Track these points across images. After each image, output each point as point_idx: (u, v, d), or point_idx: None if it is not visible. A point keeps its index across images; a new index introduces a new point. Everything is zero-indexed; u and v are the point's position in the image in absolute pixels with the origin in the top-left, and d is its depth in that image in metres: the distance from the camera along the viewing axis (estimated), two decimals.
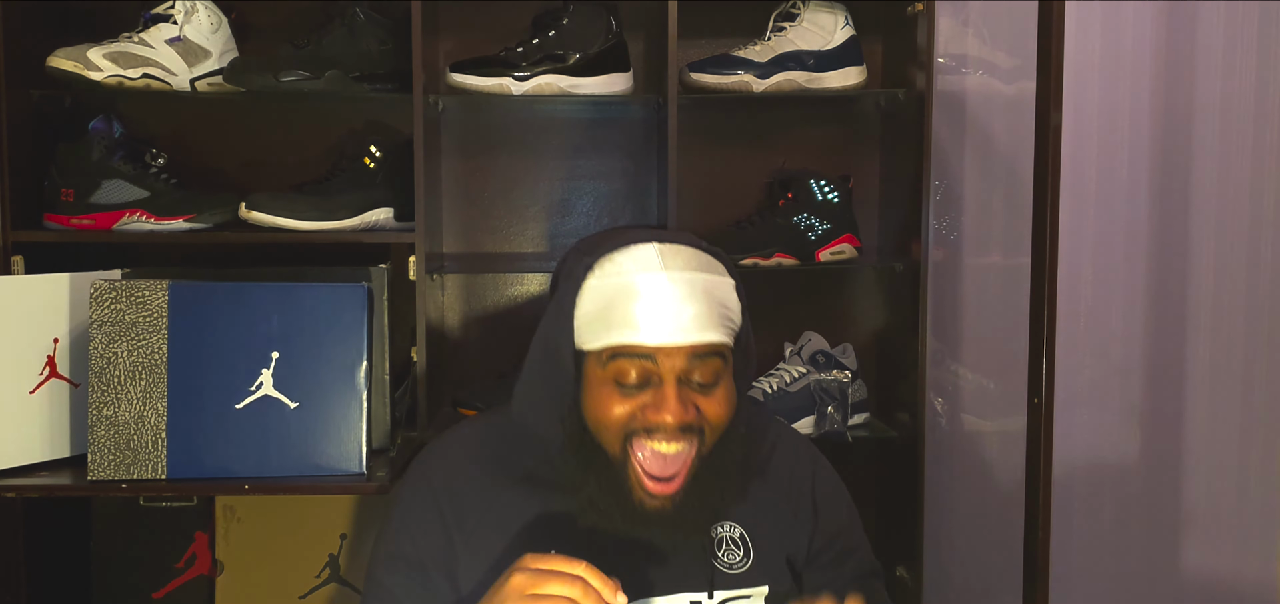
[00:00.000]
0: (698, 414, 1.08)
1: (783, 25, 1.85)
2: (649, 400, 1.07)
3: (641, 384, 1.08)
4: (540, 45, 1.78)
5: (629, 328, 1.06)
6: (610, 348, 1.08)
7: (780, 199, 1.89)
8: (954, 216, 1.92)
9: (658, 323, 1.06)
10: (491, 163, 2.00)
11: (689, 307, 1.07)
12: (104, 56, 1.68)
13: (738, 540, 1.18)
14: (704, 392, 1.09)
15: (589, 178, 2.01)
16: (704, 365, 1.08)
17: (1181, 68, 1.76)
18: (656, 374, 1.07)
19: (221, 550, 1.84)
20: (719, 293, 1.11)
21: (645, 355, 1.07)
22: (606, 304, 1.08)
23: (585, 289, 1.10)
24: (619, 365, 1.07)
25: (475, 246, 2.01)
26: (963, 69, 1.91)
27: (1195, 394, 1.78)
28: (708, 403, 1.09)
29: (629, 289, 1.07)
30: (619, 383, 1.08)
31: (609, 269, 1.09)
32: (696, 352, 1.07)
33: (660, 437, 1.07)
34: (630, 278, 1.08)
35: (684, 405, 1.07)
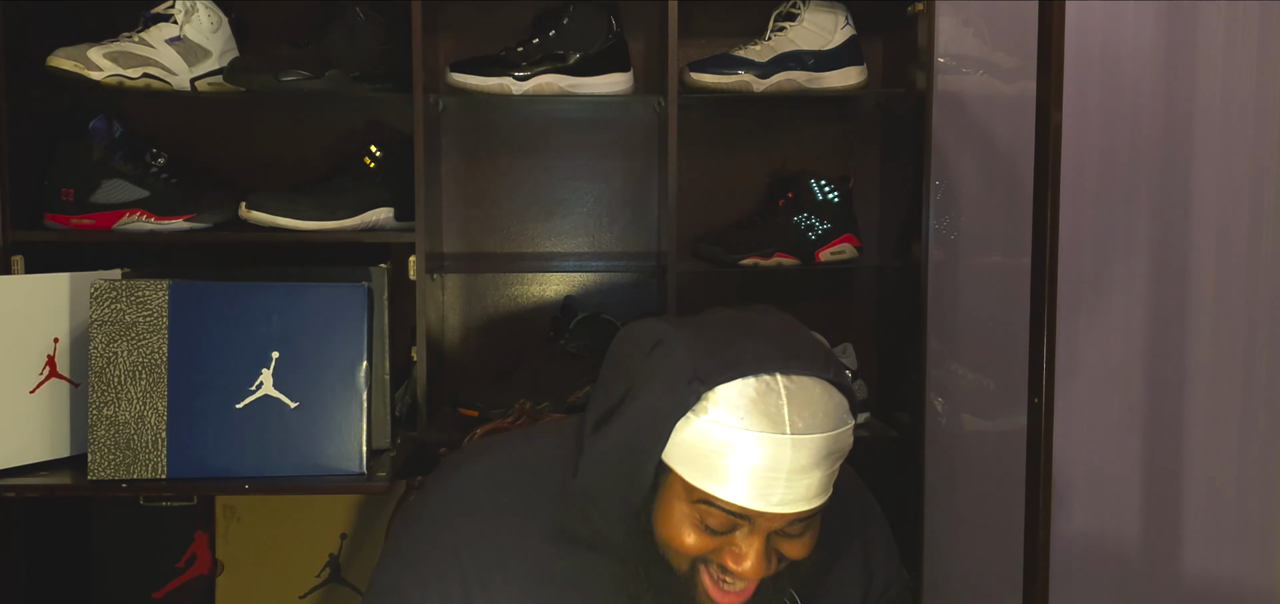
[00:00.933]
0: (776, 564, 0.99)
1: (783, 25, 1.85)
2: (730, 545, 0.97)
3: (727, 529, 0.96)
4: (540, 45, 1.78)
5: (735, 489, 0.93)
6: (704, 493, 0.95)
7: (780, 199, 1.89)
8: (954, 216, 1.92)
9: (768, 493, 0.93)
10: (491, 163, 2.00)
11: (809, 478, 0.94)
12: (104, 56, 1.68)
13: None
14: (793, 539, 0.99)
15: (589, 178, 2.01)
16: (803, 521, 0.98)
17: (1181, 68, 1.76)
18: (747, 527, 0.96)
19: (221, 550, 1.84)
20: (841, 447, 0.98)
21: (742, 514, 0.95)
22: (713, 451, 0.93)
23: (693, 425, 0.94)
24: (708, 510, 0.95)
25: (475, 246, 2.01)
26: (963, 69, 1.91)
27: (1195, 394, 1.78)
28: (793, 547, 0.99)
29: (745, 448, 0.92)
30: (703, 521, 0.96)
31: (723, 411, 0.93)
32: (800, 516, 0.97)
33: (731, 579, 0.98)
34: (749, 435, 0.93)
35: (768, 560, 0.97)
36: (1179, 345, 1.79)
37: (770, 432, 0.92)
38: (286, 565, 1.84)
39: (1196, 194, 1.76)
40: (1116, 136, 1.81)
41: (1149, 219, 1.80)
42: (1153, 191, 1.80)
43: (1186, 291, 1.78)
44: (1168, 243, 1.79)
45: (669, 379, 0.95)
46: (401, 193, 1.77)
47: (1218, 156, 1.75)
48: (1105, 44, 1.80)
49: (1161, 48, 1.78)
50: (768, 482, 0.92)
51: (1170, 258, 1.79)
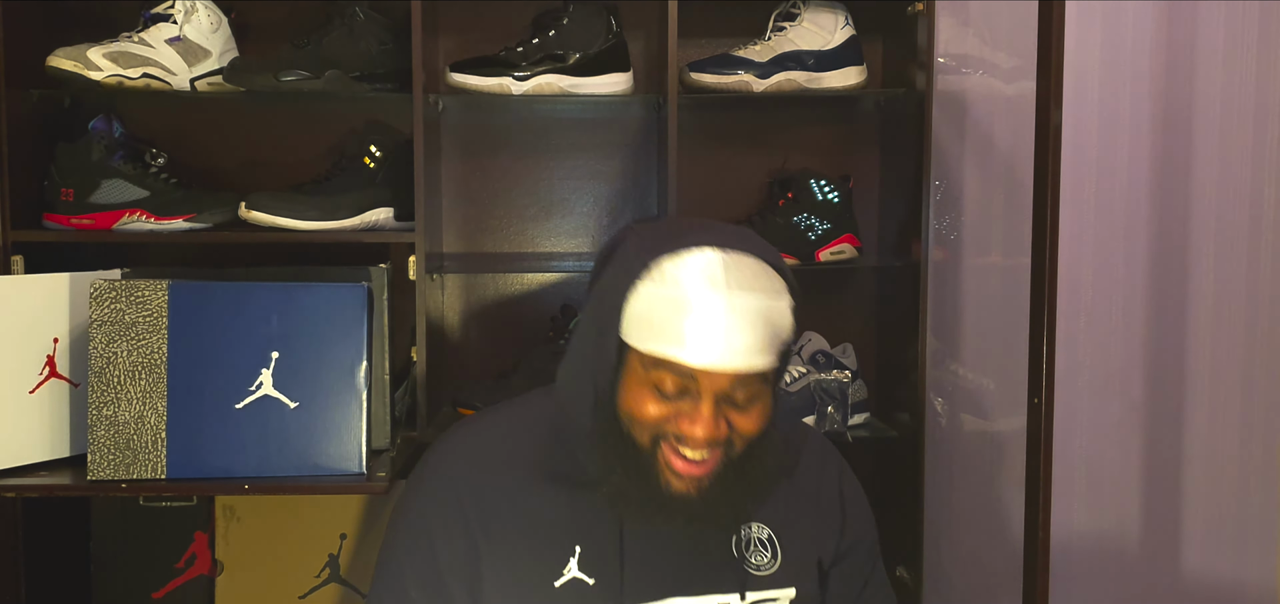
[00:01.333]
0: (730, 429, 1.07)
1: (783, 25, 1.85)
2: (684, 410, 1.06)
3: (679, 394, 1.06)
4: (540, 45, 1.78)
5: (678, 343, 1.04)
6: (655, 356, 1.05)
7: (780, 199, 1.89)
8: (954, 216, 1.92)
9: (708, 346, 1.03)
10: (491, 163, 2.00)
11: (743, 335, 1.04)
12: (104, 56, 1.68)
13: (766, 542, 1.18)
14: (740, 409, 1.08)
15: (589, 178, 2.01)
16: (746, 387, 1.07)
17: (1181, 68, 1.76)
18: (696, 390, 1.05)
19: (221, 550, 1.84)
20: (775, 317, 1.07)
21: (688, 374, 1.05)
22: (659, 312, 1.05)
23: (638, 291, 1.07)
24: (661, 374, 1.06)
25: (475, 246, 2.01)
26: (963, 69, 1.91)
27: (1195, 394, 1.78)
28: (742, 419, 1.08)
29: (684, 303, 1.04)
30: (657, 388, 1.06)
31: (667, 276, 1.06)
32: (741, 377, 1.05)
33: (688, 446, 1.07)
34: (687, 292, 1.04)
35: (717, 423, 1.06)
36: (1179, 345, 1.79)
37: (708, 289, 1.04)
38: (286, 565, 1.84)
39: (1196, 194, 1.77)
40: (1116, 136, 1.81)
41: (1149, 219, 1.80)
42: (1153, 191, 1.80)
43: (1186, 292, 1.78)
44: (1168, 243, 1.79)
45: (622, 261, 1.09)
46: (401, 193, 1.77)
47: (1218, 156, 1.75)
48: (1105, 44, 1.80)
49: (1161, 48, 1.78)
50: (707, 336, 1.03)
51: (1170, 258, 1.79)
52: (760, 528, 1.18)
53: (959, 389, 1.95)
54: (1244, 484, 1.79)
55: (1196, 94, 1.77)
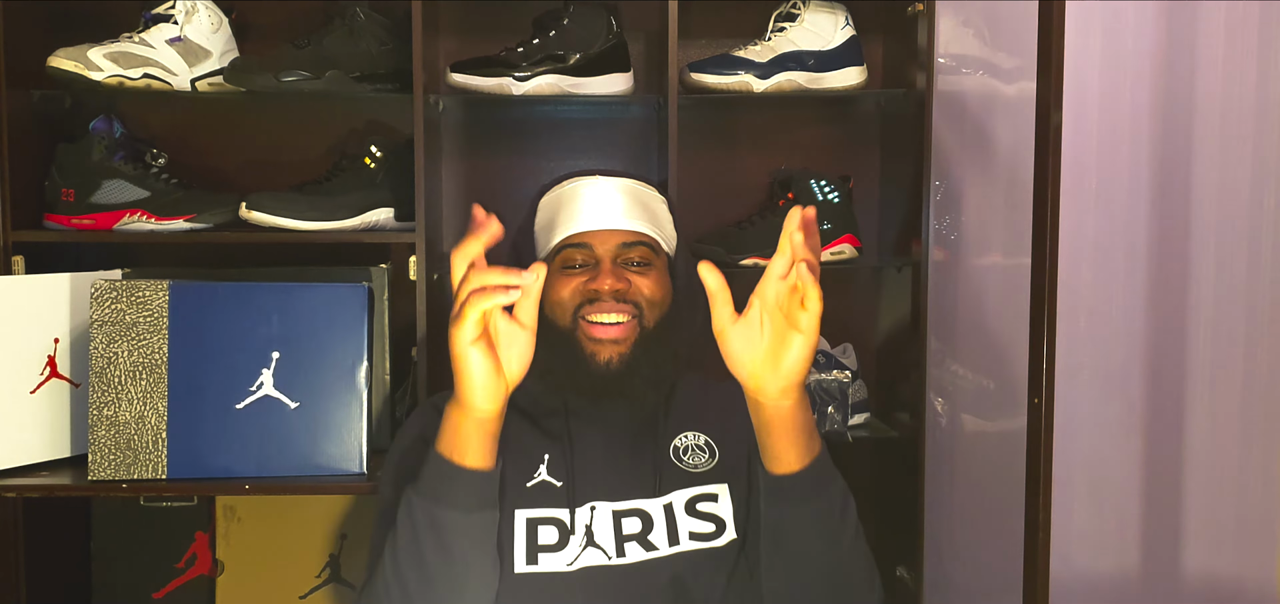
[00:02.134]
0: (631, 287, 1.26)
1: (783, 25, 1.85)
2: (590, 277, 1.26)
3: (584, 266, 1.28)
4: (541, 45, 1.78)
5: (571, 222, 1.28)
6: (557, 244, 1.29)
7: (780, 199, 1.89)
8: (954, 217, 1.93)
9: (593, 213, 1.28)
10: (492, 163, 2.00)
11: (620, 198, 1.29)
12: (104, 56, 1.68)
13: (703, 446, 1.33)
14: (638, 270, 1.28)
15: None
16: (636, 249, 1.28)
17: (1181, 68, 1.76)
18: (594, 256, 1.27)
19: (222, 550, 1.84)
20: (647, 199, 1.33)
21: (584, 244, 1.27)
22: (555, 210, 1.31)
23: (540, 205, 1.34)
24: (565, 254, 1.28)
25: None
26: (963, 69, 1.91)
27: (1195, 394, 1.78)
28: (641, 280, 1.27)
29: (573, 193, 1.31)
30: (565, 267, 1.28)
31: (558, 187, 1.33)
32: (627, 238, 1.28)
33: (602, 307, 1.25)
34: (573, 185, 1.32)
35: (618, 277, 1.25)
36: (1179, 345, 1.79)
37: (586, 179, 1.32)
38: (287, 565, 1.84)
39: (1196, 194, 1.77)
40: (1116, 136, 1.81)
41: (1149, 219, 1.80)
42: (1153, 191, 1.80)
43: (1186, 292, 1.79)
44: (1168, 243, 1.79)
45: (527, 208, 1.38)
46: (402, 193, 1.77)
47: (1218, 156, 1.75)
48: (1105, 44, 1.80)
49: (1161, 48, 1.78)
50: (588, 206, 1.29)
51: (1170, 258, 1.79)
52: (697, 435, 1.33)
53: (959, 389, 1.95)
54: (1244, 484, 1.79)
55: (1196, 94, 1.77)
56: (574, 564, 1.22)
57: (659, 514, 1.26)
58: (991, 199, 1.89)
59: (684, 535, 1.25)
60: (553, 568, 1.22)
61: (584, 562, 1.23)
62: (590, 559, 1.23)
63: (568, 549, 1.23)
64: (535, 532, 1.23)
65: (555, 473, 1.28)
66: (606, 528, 1.25)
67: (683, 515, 1.27)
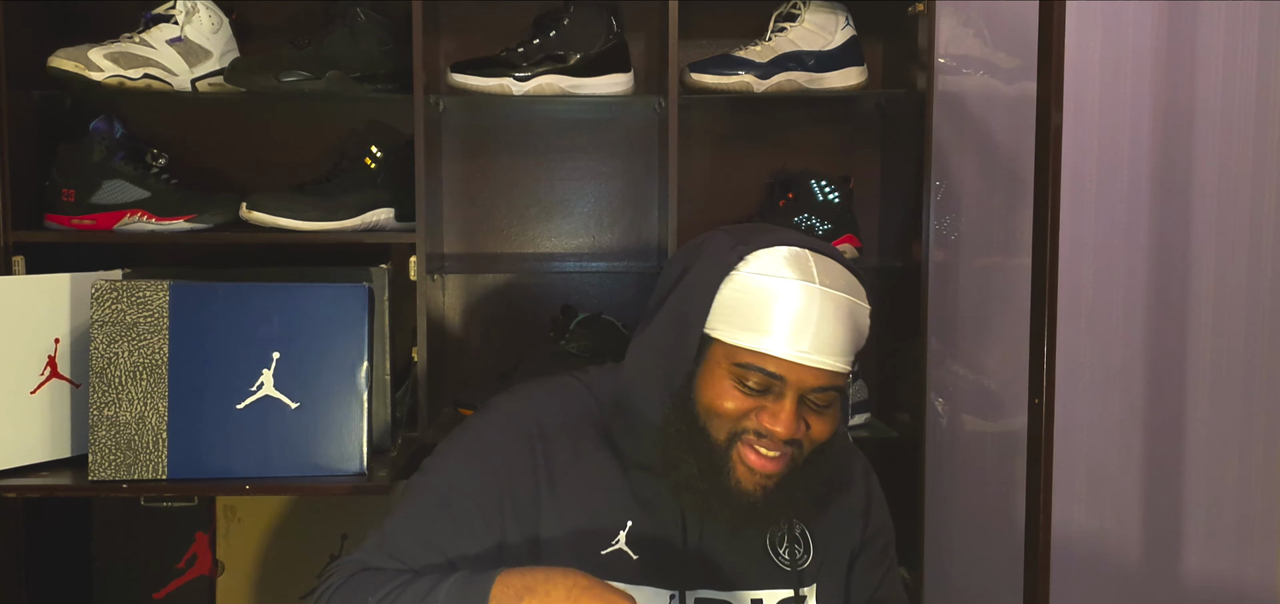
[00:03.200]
0: (806, 432, 1.08)
1: (783, 25, 1.85)
2: (766, 406, 1.07)
3: (762, 391, 1.07)
4: (541, 45, 1.78)
5: (769, 335, 1.04)
6: (743, 349, 1.06)
7: (781, 200, 1.89)
8: (955, 217, 1.93)
9: (799, 339, 1.04)
10: (492, 163, 2.00)
11: (833, 331, 1.06)
12: (105, 57, 1.68)
13: (799, 537, 1.19)
14: (818, 412, 1.09)
15: (589, 178, 2.01)
16: (825, 392, 1.08)
17: (1181, 68, 1.77)
18: (782, 389, 1.06)
19: (222, 551, 1.84)
20: (859, 318, 1.10)
21: (776, 374, 1.05)
22: (750, 302, 1.06)
23: (734, 279, 1.07)
24: (746, 370, 1.06)
25: (476, 247, 2.01)
26: (963, 69, 1.91)
27: (1196, 394, 1.78)
28: (818, 423, 1.09)
29: (778, 293, 1.05)
30: (741, 383, 1.07)
31: (762, 266, 1.07)
32: (826, 381, 1.07)
33: (768, 443, 1.07)
34: (782, 281, 1.05)
35: (798, 422, 1.06)
36: (1179, 345, 1.79)
37: (801, 279, 1.05)
38: (287, 566, 1.84)
39: (1196, 194, 1.77)
40: (1116, 136, 1.81)
41: (1149, 219, 1.80)
42: (1153, 191, 1.80)
43: (1186, 292, 1.78)
44: (1168, 243, 1.79)
45: (714, 251, 1.09)
46: (402, 193, 1.77)
47: (1218, 156, 1.75)
48: (1106, 44, 1.80)
49: (1161, 48, 1.78)
50: (799, 328, 1.04)
51: (1170, 258, 1.79)
52: (796, 524, 1.19)
53: (960, 389, 1.95)
54: (1244, 484, 1.79)
55: (1197, 94, 1.77)
56: None
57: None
58: (992, 199, 1.89)
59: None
60: None
61: None
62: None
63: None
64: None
65: (634, 544, 1.12)
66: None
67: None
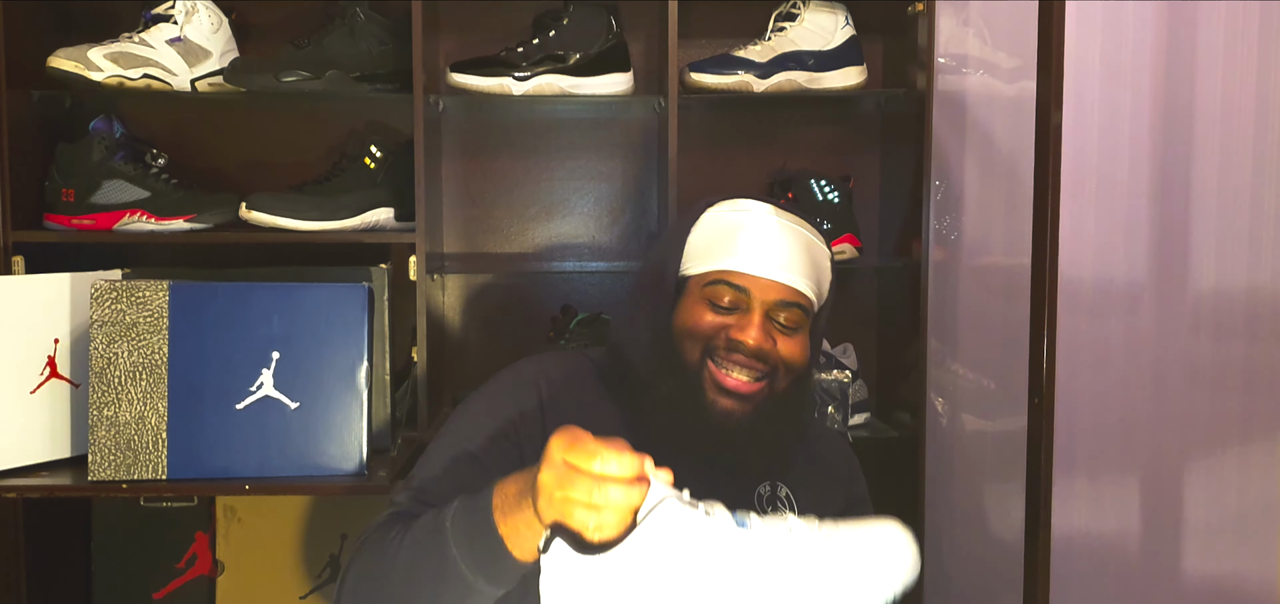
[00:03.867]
0: (774, 348, 1.17)
1: (783, 25, 1.85)
2: (735, 322, 1.17)
3: (732, 308, 1.18)
4: (541, 45, 1.78)
5: (733, 256, 1.18)
6: (712, 273, 1.18)
7: (780, 199, 1.89)
8: (954, 217, 1.92)
9: (760, 257, 1.17)
10: (492, 163, 2.00)
11: (790, 251, 1.18)
12: (104, 57, 1.68)
13: (784, 499, 1.25)
14: (785, 332, 1.19)
15: (589, 178, 2.01)
16: (790, 310, 1.18)
17: (1181, 68, 1.76)
18: (747, 302, 1.17)
19: (222, 551, 1.84)
20: (817, 255, 1.22)
21: (741, 287, 1.17)
22: (718, 234, 1.20)
23: (702, 220, 1.22)
24: (716, 289, 1.18)
25: (475, 247, 2.01)
26: (963, 69, 1.91)
27: (1196, 394, 1.78)
28: (786, 343, 1.18)
29: (741, 223, 1.19)
30: (712, 302, 1.18)
31: (726, 207, 1.21)
32: (787, 296, 1.18)
33: (738, 359, 1.16)
34: (744, 215, 1.20)
35: (765, 334, 1.16)
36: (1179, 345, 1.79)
37: (761, 213, 1.20)
38: (287, 566, 1.84)
39: (1197, 194, 1.77)
40: (1116, 136, 1.81)
41: (1149, 219, 1.80)
42: (1153, 191, 1.80)
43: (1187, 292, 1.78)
44: (1168, 243, 1.79)
45: (685, 212, 1.26)
46: (402, 193, 1.77)
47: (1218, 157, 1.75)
48: (1106, 44, 1.80)
49: (1161, 48, 1.78)
50: (759, 246, 1.17)
51: (1171, 258, 1.79)
52: (779, 486, 1.25)
53: (959, 389, 1.95)
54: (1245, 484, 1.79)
55: (1197, 94, 1.77)
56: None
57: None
58: (991, 199, 1.89)
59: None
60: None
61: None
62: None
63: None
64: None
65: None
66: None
67: None
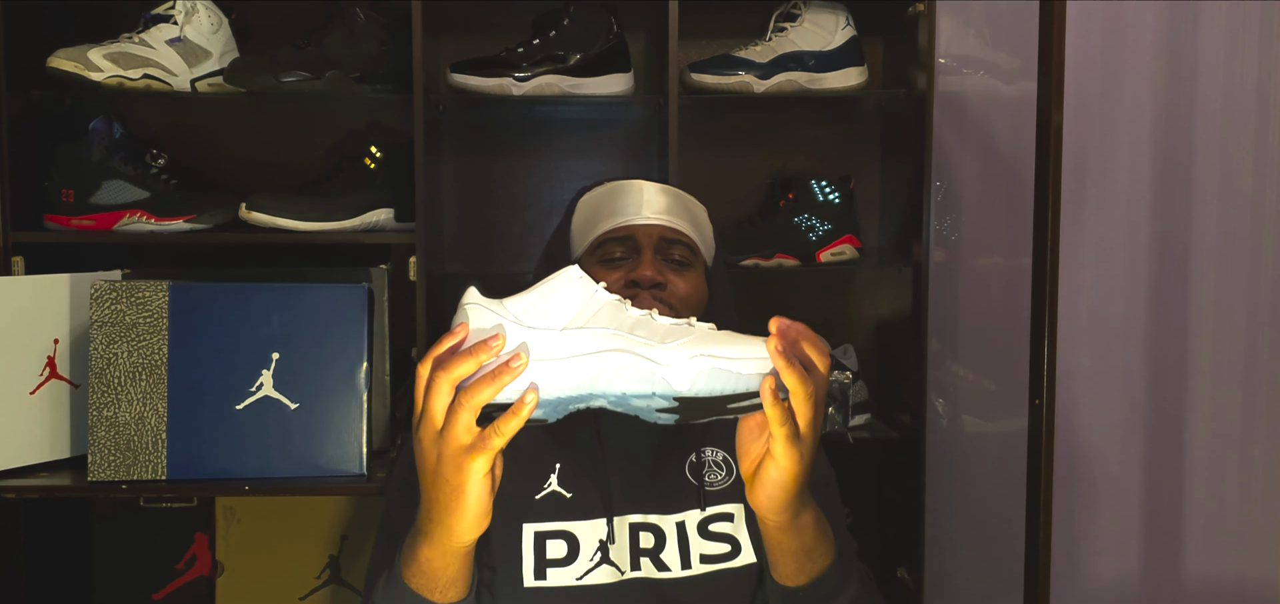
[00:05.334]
0: (670, 286, 1.23)
1: (784, 26, 1.85)
2: (628, 267, 1.23)
3: (624, 259, 1.24)
4: (541, 46, 1.78)
5: (613, 216, 1.26)
6: (599, 236, 1.27)
7: (781, 200, 1.89)
8: (955, 217, 1.92)
9: (636, 206, 1.26)
10: (492, 163, 2.00)
11: (664, 197, 1.28)
12: (104, 57, 1.68)
13: (720, 463, 1.27)
14: (677, 269, 1.25)
15: (589, 178, 1.99)
16: (677, 247, 1.26)
17: (1182, 68, 1.76)
18: (635, 245, 1.24)
19: (221, 551, 1.84)
20: (690, 204, 1.31)
21: (627, 236, 1.25)
22: (596, 207, 1.29)
23: (578, 204, 1.31)
24: (606, 248, 1.25)
25: (475, 246, 2.01)
26: (964, 69, 1.91)
27: (1197, 394, 1.78)
28: (679, 280, 1.24)
29: (616, 189, 1.29)
30: (605, 261, 1.25)
31: (599, 187, 1.31)
32: (668, 234, 1.26)
33: (640, 301, 1.20)
34: (614, 183, 1.31)
35: (658, 270, 1.22)
36: (1179, 345, 1.79)
37: (631, 180, 1.30)
38: (287, 567, 1.84)
39: (1196, 194, 1.76)
40: (1116, 136, 1.81)
41: (1149, 219, 1.80)
42: (1154, 192, 1.79)
43: (1188, 291, 1.78)
44: (1169, 243, 1.79)
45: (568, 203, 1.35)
46: (402, 194, 1.77)
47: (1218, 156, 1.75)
48: (1106, 44, 1.80)
49: (1161, 48, 1.78)
50: (632, 200, 1.27)
51: (1171, 258, 1.79)
52: (715, 451, 1.27)
53: (960, 390, 1.94)
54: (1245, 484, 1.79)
55: (1197, 94, 1.77)
56: (584, 579, 1.18)
57: (672, 532, 1.21)
58: (992, 200, 1.89)
59: (695, 558, 1.20)
60: (561, 582, 1.17)
61: (595, 578, 1.18)
62: (602, 576, 1.18)
63: (577, 563, 1.18)
64: (543, 546, 1.18)
65: (566, 483, 1.22)
66: (623, 541, 1.20)
67: (695, 536, 1.21)
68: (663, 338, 0.91)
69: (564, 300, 0.92)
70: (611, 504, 1.20)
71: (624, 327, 0.92)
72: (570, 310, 0.91)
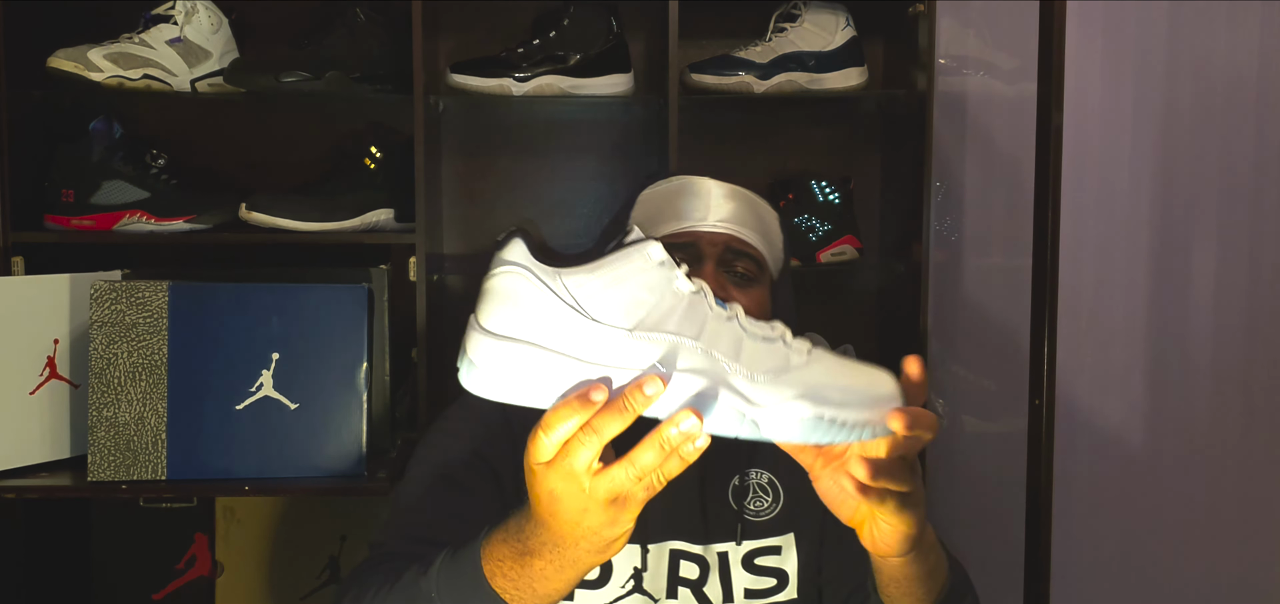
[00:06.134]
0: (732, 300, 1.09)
1: (784, 26, 1.85)
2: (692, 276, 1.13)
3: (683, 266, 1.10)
4: (541, 46, 1.78)
5: (676, 218, 1.16)
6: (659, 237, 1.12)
7: (781, 200, 1.89)
8: (955, 218, 1.92)
9: (702, 211, 1.15)
10: (492, 163, 2.00)
11: (734, 203, 1.16)
12: (104, 57, 1.68)
13: (766, 486, 1.17)
14: (740, 284, 1.14)
15: (589, 179, 2.01)
16: (742, 260, 1.15)
17: (1181, 68, 1.76)
18: (697, 255, 1.14)
19: (221, 552, 1.84)
20: (761, 210, 1.19)
21: (689, 243, 1.14)
22: (659, 205, 1.18)
23: (640, 198, 1.19)
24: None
25: (475, 247, 2.00)
26: (964, 70, 1.91)
27: (1196, 394, 1.78)
28: (741, 296, 1.13)
29: (682, 188, 1.17)
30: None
31: (664, 181, 1.19)
32: (735, 243, 1.15)
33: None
34: (680, 180, 1.18)
35: (720, 285, 1.12)
36: (1179, 346, 1.79)
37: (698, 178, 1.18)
38: (286, 567, 1.84)
39: (1197, 195, 1.76)
40: (1117, 137, 1.81)
41: (1149, 219, 1.80)
42: (1153, 191, 1.80)
43: (1187, 292, 1.78)
44: (1168, 244, 1.79)
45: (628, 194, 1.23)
46: (402, 194, 1.77)
47: (1219, 157, 1.75)
48: (1106, 45, 1.80)
49: (1161, 48, 1.78)
50: (698, 203, 1.16)
51: (1170, 258, 1.79)
52: (760, 473, 1.18)
53: (960, 390, 1.95)
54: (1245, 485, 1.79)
55: (1197, 94, 1.77)
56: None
57: (714, 563, 1.13)
58: (992, 200, 1.89)
59: (738, 592, 1.13)
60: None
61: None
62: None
63: (608, 587, 1.11)
64: None
65: None
66: (660, 569, 1.12)
67: (738, 570, 1.13)
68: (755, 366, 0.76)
69: (636, 290, 0.76)
70: (647, 530, 1.13)
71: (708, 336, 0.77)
72: (643, 305, 0.76)
